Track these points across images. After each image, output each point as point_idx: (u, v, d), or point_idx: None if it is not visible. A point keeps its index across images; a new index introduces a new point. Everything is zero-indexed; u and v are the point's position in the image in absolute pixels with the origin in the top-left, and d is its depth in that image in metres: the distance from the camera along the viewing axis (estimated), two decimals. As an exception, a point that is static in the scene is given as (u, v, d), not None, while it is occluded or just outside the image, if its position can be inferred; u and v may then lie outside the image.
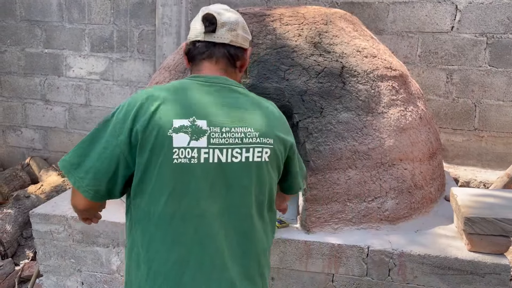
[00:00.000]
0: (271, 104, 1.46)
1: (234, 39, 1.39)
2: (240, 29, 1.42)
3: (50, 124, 4.98)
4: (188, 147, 1.26)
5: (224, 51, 1.39)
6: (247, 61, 1.48)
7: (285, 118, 1.47)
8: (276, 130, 1.37)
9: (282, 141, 1.38)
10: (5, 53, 4.94)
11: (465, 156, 3.99)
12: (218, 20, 1.37)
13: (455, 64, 3.88)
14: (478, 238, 2.11)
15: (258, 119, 1.35)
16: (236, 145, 1.30)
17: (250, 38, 1.51)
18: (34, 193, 4.13)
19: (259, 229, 1.38)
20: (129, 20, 4.51)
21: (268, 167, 1.35)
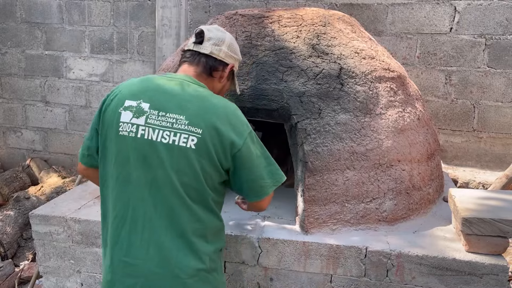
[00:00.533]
0: (225, 103, 1.61)
1: (215, 52, 1.70)
2: (225, 46, 1.73)
3: (50, 125, 5.00)
4: (130, 122, 1.54)
5: (204, 60, 1.70)
6: (225, 74, 1.75)
7: (241, 119, 1.59)
8: (213, 123, 1.52)
9: (219, 135, 1.51)
10: (5, 54, 4.96)
11: (464, 157, 4.00)
12: (206, 35, 1.70)
13: (454, 65, 3.89)
14: (476, 239, 2.12)
15: (194, 109, 1.54)
16: (166, 128, 1.52)
17: (238, 58, 1.82)
18: (34, 195, 4.14)
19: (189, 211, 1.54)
20: (129, 22, 4.53)
21: (196, 155, 1.51)
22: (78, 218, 2.48)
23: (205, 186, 1.55)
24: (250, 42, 2.52)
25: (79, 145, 4.92)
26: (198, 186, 1.54)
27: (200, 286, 1.58)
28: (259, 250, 2.24)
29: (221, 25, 2.76)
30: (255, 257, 2.25)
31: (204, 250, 1.59)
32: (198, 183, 1.54)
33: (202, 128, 1.51)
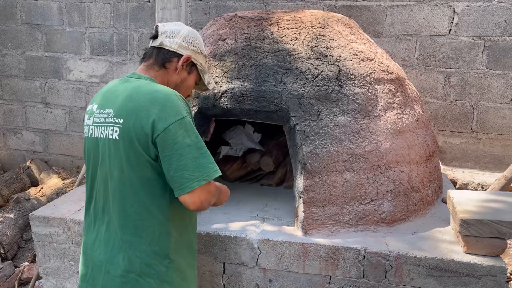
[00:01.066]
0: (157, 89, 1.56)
1: (167, 44, 1.70)
2: (179, 38, 1.72)
3: (50, 127, 5.00)
4: (85, 124, 1.66)
5: (157, 52, 1.71)
6: (179, 66, 1.72)
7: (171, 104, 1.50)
8: (135, 110, 1.49)
9: (140, 121, 1.48)
10: (6, 56, 4.97)
11: (463, 158, 4.01)
12: (159, 30, 1.73)
13: (452, 66, 3.90)
14: (474, 240, 2.13)
15: (120, 101, 1.55)
16: (102, 124, 1.58)
17: (197, 51, 1.78)
18: (34, 196, 4.15)
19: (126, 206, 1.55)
20: (129, 23, 4.54)
21: (121, 145, 1.52)
22: (78, 219, 2.49)
23: (136, 177, 1.52)
24: (250, 44, 2.53)
25: (79, 146, 4.93)
26: (130, 178, 1.53)
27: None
28: (258, 251, 2.25)
29: (220, 27, 2.77)
30: (254, 258, 2.26)
31: (136, 250, 1.56)
32: (130, 174, 1.52)
33: (123, 117, 1.51)
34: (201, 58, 1.82)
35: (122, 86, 1.62)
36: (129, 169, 1.52)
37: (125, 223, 1.57)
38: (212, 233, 2.27)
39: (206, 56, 1.86)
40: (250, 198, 2.76)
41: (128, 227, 1.56)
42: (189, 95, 1.89)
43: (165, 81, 1.70)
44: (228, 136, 3.13)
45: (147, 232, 1.56)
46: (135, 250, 1.56)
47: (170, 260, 1.61)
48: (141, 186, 1.53)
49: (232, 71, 2.45)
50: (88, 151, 1.65)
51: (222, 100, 2.41)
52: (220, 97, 2.41)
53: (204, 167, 1.48)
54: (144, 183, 1.53)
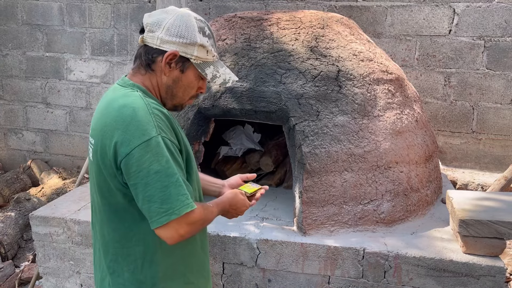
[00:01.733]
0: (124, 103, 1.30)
1: (148, 40, 1.37)
2: (161, 31, 1.35)
3: (51, 127, 5.01)
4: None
5: (141, 52, 1.40)
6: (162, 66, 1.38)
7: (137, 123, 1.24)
8: (103, 131, 1.29)
9: (105, 144, 1.28)
10: (6, 56, 4.98)
11: (463, 158, 4.01)
12: (144, 22, 1.39)
13: (453, 67, 3.90)
14: (473, 241, 2.13)
15: (97, 118, 1.36)
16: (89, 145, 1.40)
17: (186, 41, 1.37)
18: (35, 196, 4.16)
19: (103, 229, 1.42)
20: (129, 23, 4.55)
21: (93, 167, 1.37)
22: (78, 219, 2.49)
23: (108, 203, 1.35)
24: (249, 45, 2.54)
25: (79, 146, 4.94)
26: (103, 204, 1.37)
27: None
28: (258, 251, 2.25)
29: (220, 27, 2.77)
30: (254, 258, 2.26)
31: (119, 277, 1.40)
32: (102, 200, 1.37)
33: (95, 138, 1.33)
34: (195, 50, 1.38)
35: (108, 96, 1.39)
36: (100, 196, 1.36)
37: (106, 249, 1.42)
38: (211, 233, 2.28)
39: (204, 45, 1.40)
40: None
41: (108, 254, 1.41)
42: (193, 96, 1.50)
43: (155, 85, 1.41)
44: (227, 136, 3.13)
45: (128, 260, 1.38)
46: (118, 277, 1.41)
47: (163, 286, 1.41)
48: (115, 213, 1.35)
49: (231, 71, 2.45)
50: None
51: (221, 100, 2.41)
52: (220, 97, 2.42)
53: (175, 199, 1.23)
54: (118, 210, 1.34)
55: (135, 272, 1.38)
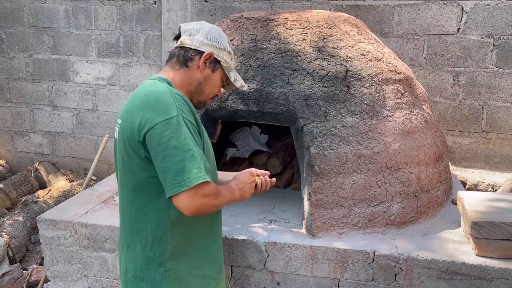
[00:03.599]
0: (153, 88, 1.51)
1: (188, 42, 1.64)
2: (201, 35, 1.64)
3: (58, 129, 5.02)
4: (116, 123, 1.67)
5: (176, 52, 1.67)
6: (200, 64, 1.64)
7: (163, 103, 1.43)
8: (130, 110, 1.49)
9: (131, 121, 1.45)
10: (13, 59, 4.99)
11: (473, 158, 3.96)
12: (181, 30, 1.68)
13: (461, 66, 3.86)
14: (486, 243, 2.09)
15: (125, 105, 1.56)
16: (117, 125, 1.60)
17: (221, 47, 1.68)
18: (42, 198, 4.16)
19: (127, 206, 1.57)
20: (135, 25, 4.54)
21: (118, 146, 1.55)
22: (85, 222, 2.48)
23: (130, 178, 1.51)
24: (256, 45, 2.52)
25: (86, 148, 4.95)
26: (126, 178, 1.54)
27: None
28: (266, 254, 2.23)
29: (226, 28, 2.75)
30: (262, 261, 2.24)
31: (132, 252, 1.59)
32: (125, 175, 1.54)
33: (122, 118, 1.52)
34: (225, 55, 1.69)
35: (137, 88, 1.61)
36: (124, 170, 1.53)
37: (124, 223, 1.61)
38: (219, 236, 2.25)
39: (231, 52, 1.73)
40: (257, 200, 2.74)
41: (125, 228, 1.60)
42: (216, 95, 1.77)
43: (186, 80, 1.64)
44: (235, 137, 3.11)
45: (140, 236, 1.54)
46: (131, 251, 1.58)
47: (166, 268, 1.53)
48: (134, 188, 1.51)
49: (238, 72, 2.43)
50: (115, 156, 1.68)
51: (228, 101, 2.39)
52: (227, 99, 2.40)
53: (188, 172, 1.35)
54: (138, 184, 1.49)
55: (145, 248, 1.53)
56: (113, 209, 2.66)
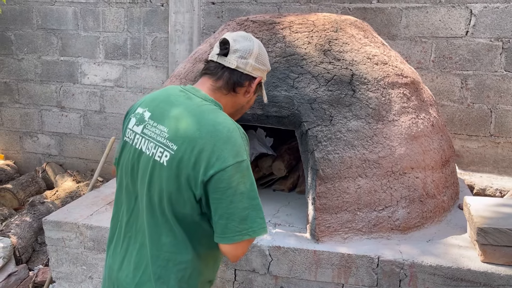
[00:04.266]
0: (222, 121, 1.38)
1: (241, 66, 1.49)
2: (252, 59, 1.51)
3: (65, 130, 5.05)
4: (131, 129, 1.49)
5: (228, 75, 1.49)
6: (252, 88, 1.53)
7: (234, 143, 1.33)
8: (193, 141, 1.32)
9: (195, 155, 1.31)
10: (22, 60, 5.04)
11: (481, 162, 3.92)
12: (231, 46, 1.49)
13: (470, 69, 3.82)
14: (492, 249, 2.07)
15: (179, 124, 1.37)
16: (151, 139, 1.41)
17: (267, 69, 1.59)
18: (49, 199, 4.19)
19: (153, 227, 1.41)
20: (143, 27, 4.56)
21: (165, 172, 1.34)
22: (90, 224, 2.50)
23: (174, 210, 1.37)
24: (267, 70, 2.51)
25: (93, 149, 4.97)
26: (168, 210, 1.38)
27: None
28: (270, 258, 2.22)
29: (232, 31, 2.75)
30: (266, 265, 2.23)
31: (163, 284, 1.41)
32: (168, 206, 1.37)
33: (178, 145, 1.34)
34: (265, 75, 1.63)
35: (183, 102, 1.44)
36: (167, 201, 1.36)
37: (157, 253, 1.42)
38: (223, 239, 2.25)
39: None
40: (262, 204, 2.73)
41: (159, 259, 1.42)
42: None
43: (230, 104, 1.53)
44: (240, 140, 3.10)
45: (178, 268, 1.42)
46: (162, 284, 1.42)
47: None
48: (178, 220, 1.39)
49: (243, 75, 2.43)
50: (127, 159, 1.49)
51: (233, 105, 2.39)
52: (231, 102, 2.40)
53: (253, 221, 1.31)
54: (182, 217, 1.38)
55: (181, 281, 1.42)
56: (118, 211, 2.66)
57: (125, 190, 1.49)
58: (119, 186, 1.54)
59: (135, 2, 4.52)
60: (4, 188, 4.43)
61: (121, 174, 1.52)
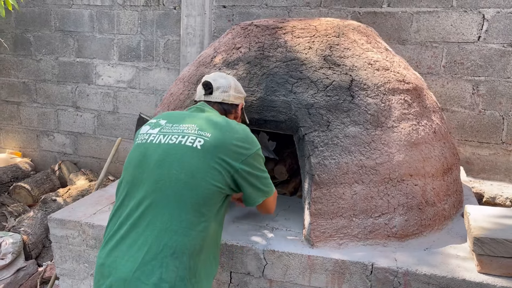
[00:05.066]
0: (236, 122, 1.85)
1: (226, 98, 1.97)
2: (232, 90, 1.99)
3: (80, 130, 5.17)
4: (145, 133, 1.79)
5: (219, 107, 1.96)
6: (239, 113, 2.04)
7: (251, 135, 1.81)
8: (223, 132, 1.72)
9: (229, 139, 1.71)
10: (40, 61, 5.18)
11: (492, 170, 3.84)
12: (213, 85, 1.95)
13: (481, 75, 3.75)
14: (488, 260, 2.03)
15: (205, 121, 1.77)
16: (176, 133, 1.72)
17: (244, 95, 2.10)
18: (62, 197, 4.29)
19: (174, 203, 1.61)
20: (155, 30, 4.64)
21: (199, 153, 1.66)
22: (92, 223, 2.55)
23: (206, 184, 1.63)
24: (262, 53, 2.53)
25: (106, 149, 5.08)
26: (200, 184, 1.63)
27: None
28: (264, 262, 2.23)
29: (236, 35, 2.78)
30: (260, 268, 2.25)
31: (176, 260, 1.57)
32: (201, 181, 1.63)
33: (211, 133, 1.70)
34: (243, 100, 2.12)
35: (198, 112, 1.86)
36: (201, 176, 1.63)
37: (176, 228, 1.58)
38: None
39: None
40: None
41: (177, 233, 1.58)
42: None
43: None
44: (244, 143, 3.12)
45: (193, 243, 1.60)
46: (175, 259, 1.56)
47: (196, 280, 1.63)
48: (205, 195, 1.64)
49: (243, 80, 2.45)
50: (137, 154, 1.73)
51: (232, 109, 2.41)
52: (231, 106, 2.42)
53: (270, 185, 1.88)
54: (208, 193, 1.64)
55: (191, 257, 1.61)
56: (121, 211, 2.71)
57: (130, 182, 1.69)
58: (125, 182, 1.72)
59: (149, 5, 4.60)
60: (19, 185, 4.57)
61: (130, 171, 1.73)
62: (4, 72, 5.33)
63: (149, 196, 1.62)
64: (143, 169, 1.67)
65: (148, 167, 1.66)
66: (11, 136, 5.49)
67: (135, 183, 1.68)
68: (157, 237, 1.56)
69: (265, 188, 1.84)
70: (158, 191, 1.62)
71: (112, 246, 1.62)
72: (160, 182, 1.62)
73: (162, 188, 1.62)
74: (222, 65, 2.59)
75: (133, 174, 1.70)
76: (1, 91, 5.41)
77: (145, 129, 1.81)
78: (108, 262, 1.60)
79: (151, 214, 1.60)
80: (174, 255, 1.55)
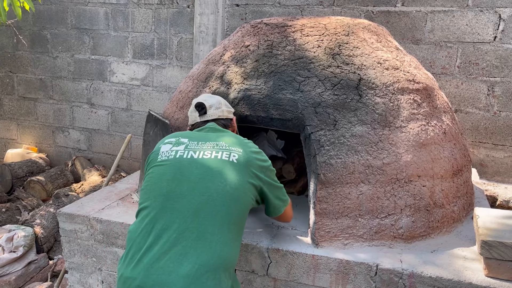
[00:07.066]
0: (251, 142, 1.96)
1: (220, 114, 2.07)
2: (223, 106, 2.10)
3: (94, 126, 5.24)
4: (169, 150, 1.84)
5: (218, 124, 2.06)
6: (235, 126, 2.15)
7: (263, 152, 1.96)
8: (249, 149, 1.88)
9: (254, 157, 1.86)
10: (57, 58, 5.27)
11: (507, 173, 3.77)
12: (206, 104, 2.04)
13: (497, 76, 3.68)
14: (496, 264, 1.99)
15: (228, 138, 1.90)
16: (207, 149, 1.81)
17: (233, 110, 2.19)
18: (75, 192, 4.36)
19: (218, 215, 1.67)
20: (169, 28, 4.67)
21: (236, 167, 1.77)
22: (100, 218, 2.58)
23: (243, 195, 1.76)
24: (271, 51, 2.52)
25: (119, 145, 5.13)
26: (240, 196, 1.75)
27: None
28: (269, 260, 2.23)
29: (245, 33, 2.78)
30: (265, 267, 2.24)
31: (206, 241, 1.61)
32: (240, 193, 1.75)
33: (242, 149, 1.84)
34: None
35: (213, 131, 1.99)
36: (242, 189, 1.75)
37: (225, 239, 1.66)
38: (223, 239, 2.27)
39: None
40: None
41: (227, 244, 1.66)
42: None
43: None
44: (252, 142, 3.12)
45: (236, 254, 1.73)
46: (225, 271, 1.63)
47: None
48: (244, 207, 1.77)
49: (251, 78, 2.45)
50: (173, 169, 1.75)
51: (239, 106, 2.41)
52: (238, 104, 2.42)
53: (285, 195, 2.04)
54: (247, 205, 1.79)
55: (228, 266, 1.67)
56: (129, 207, 2.75)
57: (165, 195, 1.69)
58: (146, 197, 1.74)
59: (163, 3, 4.63)
60: (33, 179, 4.65)
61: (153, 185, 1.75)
62: (22, 68, 5.43)
63: (195, 208, 1.64)
64: (181, 182, 1.70)
65: (188, 180, 1.70)
66: (27, 131, 5.60)
67: (172, 196, 1.67)
68: (209, 249, 1.57)
69: (284, 197, 2.00)
70: (205, 203, 1.65)
71: (151, 262, 1.55)
72: (205, 195, 1.67)
73: (209, 200, 1.66)
74: (230, 63, 2.59)
75: (168, 187, 1.69)
76: (18, 88, 5.51)
77: (167, 147, 1.85)
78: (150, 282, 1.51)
79: (200, 226, 1.60)
80: (225, 266, 1.59)
